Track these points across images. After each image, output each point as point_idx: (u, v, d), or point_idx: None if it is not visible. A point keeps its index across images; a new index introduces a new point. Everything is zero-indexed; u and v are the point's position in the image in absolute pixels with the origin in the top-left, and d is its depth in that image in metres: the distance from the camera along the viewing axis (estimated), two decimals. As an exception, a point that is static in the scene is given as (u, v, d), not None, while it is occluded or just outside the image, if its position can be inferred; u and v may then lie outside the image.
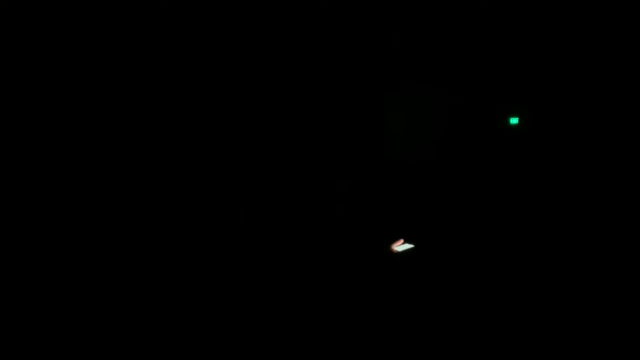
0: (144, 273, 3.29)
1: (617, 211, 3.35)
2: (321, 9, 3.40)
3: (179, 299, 3.26)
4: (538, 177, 3.44)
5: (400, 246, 3.36)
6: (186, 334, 3.20)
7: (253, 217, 3.40)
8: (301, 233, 3.40)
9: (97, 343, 3.14)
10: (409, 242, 3.37)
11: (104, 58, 3.38)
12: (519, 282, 3.33)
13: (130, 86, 3.40)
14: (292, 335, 3.21)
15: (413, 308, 3.30)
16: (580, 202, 3.39)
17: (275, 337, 3.21)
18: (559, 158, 3.43)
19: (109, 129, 3.38)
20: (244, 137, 3.44)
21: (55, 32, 3.35)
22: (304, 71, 3.46)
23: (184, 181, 3.41)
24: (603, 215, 3.36)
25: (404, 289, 3.34)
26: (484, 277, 3.35)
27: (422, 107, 3.48)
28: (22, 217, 3.28)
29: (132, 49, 3.39)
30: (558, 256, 3.35)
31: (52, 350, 3.11)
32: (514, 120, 3.43)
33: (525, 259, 3.38)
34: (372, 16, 3.43)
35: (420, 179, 3.48)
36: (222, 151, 3.43)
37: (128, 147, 3.38)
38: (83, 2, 3.34)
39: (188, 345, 3.17)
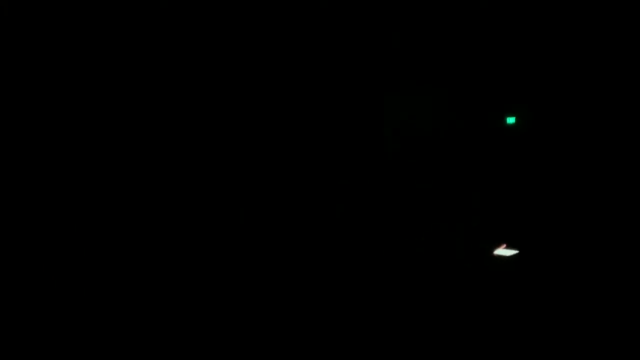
0: (143, 273, 3.29)
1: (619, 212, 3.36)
2: (321, 8, 3.41)
3: (179, 299, 3.26)
4: (542, 176, 3.44)
5: (502, 250, 3.34)
6: (186, 334, 3.20)
7: (253, 217, 3.40)
8: (302, 233, 3.40)
9: (97, 343, 3.14)
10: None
11: (103, 58, 3.38)
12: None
13: (130, 86, 3.40)
14: (293, 337, 3.22)
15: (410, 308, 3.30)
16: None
17: (277, 339, 3.21)
18: (562, 157, 3.43)
19: (109, 129, 3.38)
20: (243, 137, 3.45)
21: (55, 31, 3.35)
22: (304, 71, 3.46)
23: (184, 181, 3.41)
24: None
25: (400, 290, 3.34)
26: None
27: (422, 106, 3.49)
28: (21, 217, 3.29)
29: (132, 49, 3.40)
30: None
31: (52, 351, 3.11)
32: (511, 120, 3.43)
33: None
34: (372, 16, 3.43)
35: (421, 178, 3.48)
36: (222, 151, 3.43)
37: (128, 147, 3.38)
38: (83, 2, 3.34)
39: (188, 345, 3.17)
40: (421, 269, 3.39)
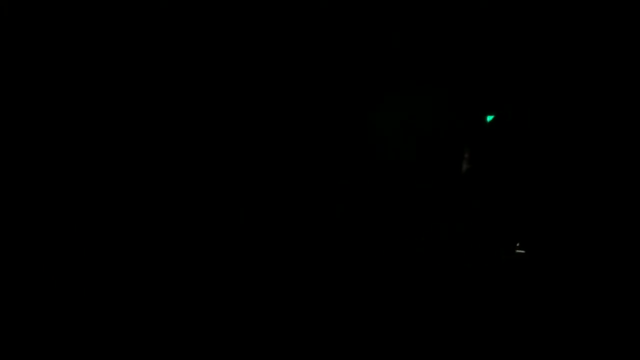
0: (143, 273, 3.29)
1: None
2: (321, 8, 3.41)
3: (179, 300, 3.26)
4: (542, 176, 3.44)
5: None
6: (186, 334, 3.19)
7: (253, 217, 3.40)
8: (302, 233, 3.40)
9: (97, 343, 3.14)
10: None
11: (103, 58, 3.38)
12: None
13: (131, 86, 3.40)
14: (293, 337, 3.21)
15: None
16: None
17: (276, 339, 3.21)
18: (562, 156, 3.43)
19: (109, 129, 3.38)
20: (243, 136, 3.45)
21: (55, 31, 3.35)
22: (304, 71, 3.46)
23: (183, 182, 3.41)
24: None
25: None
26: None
27: (422, 106, 3.49)
28: (21, 217, 3.29)
29: (132, 49, 3.40)
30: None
31: (52, 351, 3.11)
32: (490, 119, 3.43)
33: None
34: (372, 16, 3.44)
35: (421, 178, 3.48)
36: (222, 152, 3.43)
37: (127, 147, 3.38)
38: (83, 2, 3.34)
39: (188, 345, 3.17)
40: (421, 269, 3.39)
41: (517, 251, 3.37)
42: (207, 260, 3.34)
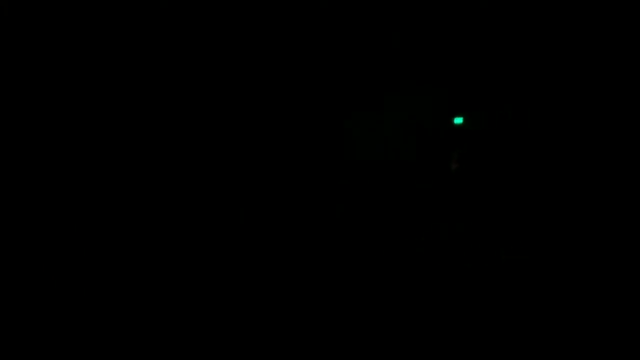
0: (143, 273, 3.29)
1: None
2: (321, 8, 3.41)
3: (179, 300, 3.26)
4: (541, 175, 3.44)
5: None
6: (186, 334, 3.19)
7: (253, 217, 3.40)
8: (302, 233, 3.40)
9: (97, 343, 3.14)
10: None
11: (103, 58, 3.39)
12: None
13: (130, 86, 3.40)
14: (292, 337, 3.21)
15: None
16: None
17: (276, 339, 3.21)
18: (563, 156, 3.43)
19: (109, 129, 3.38)
20: (243, 137, 3.45)
21: (55, 31, 3.35)
22: (305, 71, 3.46)
23: (184, 183, 3.41)
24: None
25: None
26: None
27: (422, 106, 3.49)
28: (21, 217, 3.29)
29: (132, 48, 3.40)
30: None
31: (52, 351, 3.11)
32: (458, 120, 3.41)
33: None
34: (372, 16, 3.44)
35: (421, 178, 3.48)
36: (220, 150, 3.43)
37: (127, 147, 3.38)
38: (83, 2, 3.35)
39: (188, 345, 3.17)
40: (421, 269, 3.39)
41: (517, 252, 3.38)
42: (207, 260, 3.34)
